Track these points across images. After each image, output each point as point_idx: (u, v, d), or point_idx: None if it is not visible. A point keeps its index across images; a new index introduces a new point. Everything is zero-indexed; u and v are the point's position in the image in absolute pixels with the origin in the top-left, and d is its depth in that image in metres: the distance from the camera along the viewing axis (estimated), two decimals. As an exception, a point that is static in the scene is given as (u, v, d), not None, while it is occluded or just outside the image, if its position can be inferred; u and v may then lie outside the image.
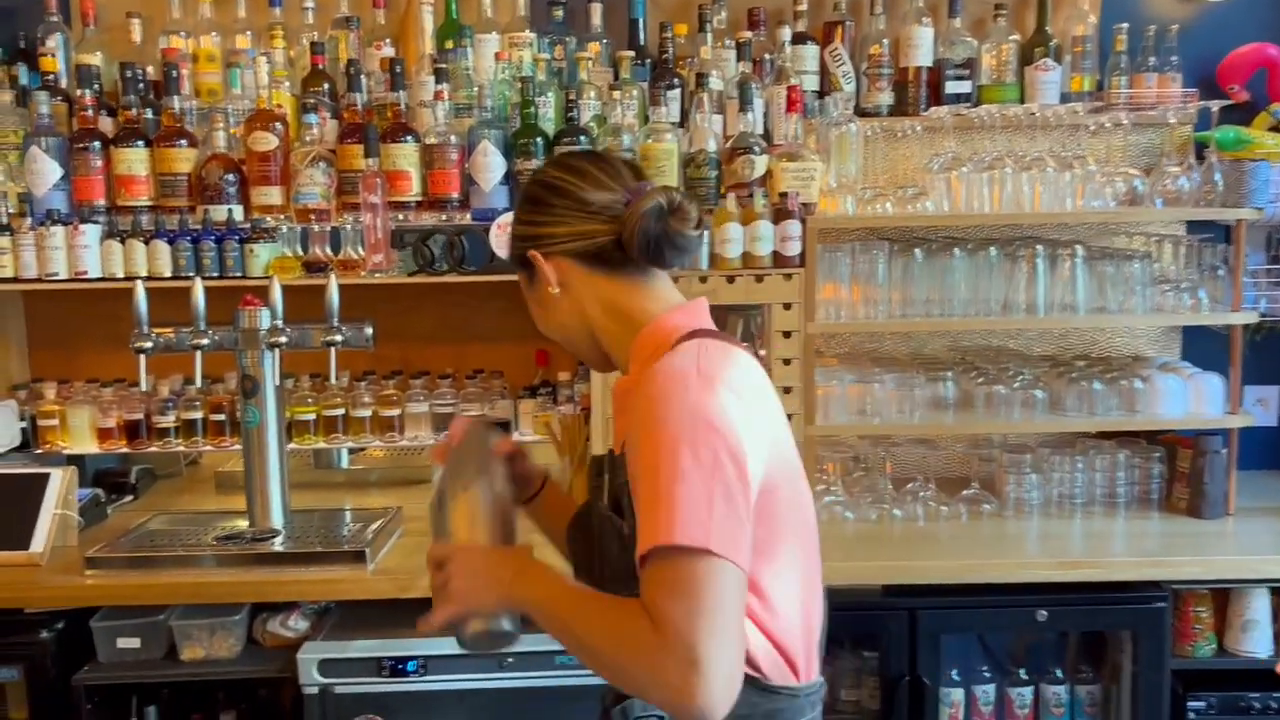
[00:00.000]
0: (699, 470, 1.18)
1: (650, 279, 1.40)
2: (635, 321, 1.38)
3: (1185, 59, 2.73)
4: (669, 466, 1.19)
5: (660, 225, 1.33)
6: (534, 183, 1.42)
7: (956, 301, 2.55)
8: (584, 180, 1.37)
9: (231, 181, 2.55)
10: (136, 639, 2.27)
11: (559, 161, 1.44)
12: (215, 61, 2.70)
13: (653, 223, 1.33)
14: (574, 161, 1.42)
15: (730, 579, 1.17)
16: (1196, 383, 2.60)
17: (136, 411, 2.74)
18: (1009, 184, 2.57)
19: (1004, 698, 2.47)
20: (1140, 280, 2.56)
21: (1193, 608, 2.36)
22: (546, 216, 1.38)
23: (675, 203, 1.35)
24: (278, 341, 2.33)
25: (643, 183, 1.38)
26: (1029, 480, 2.60)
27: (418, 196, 2.54)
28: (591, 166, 1.39)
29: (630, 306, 1.39)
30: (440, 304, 2.90)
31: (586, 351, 1.46)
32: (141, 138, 2.54)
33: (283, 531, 2.39)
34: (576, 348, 1.47)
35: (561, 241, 1.37)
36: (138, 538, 2.42)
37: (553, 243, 1.38)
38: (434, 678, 2.19)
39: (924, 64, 2.76)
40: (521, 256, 1.42)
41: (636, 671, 1.18)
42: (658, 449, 1.21)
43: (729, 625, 1.16)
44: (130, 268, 2.52)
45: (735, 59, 2.67)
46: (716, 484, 1.18)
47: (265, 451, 2.39)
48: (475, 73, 2.63)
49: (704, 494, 1.18)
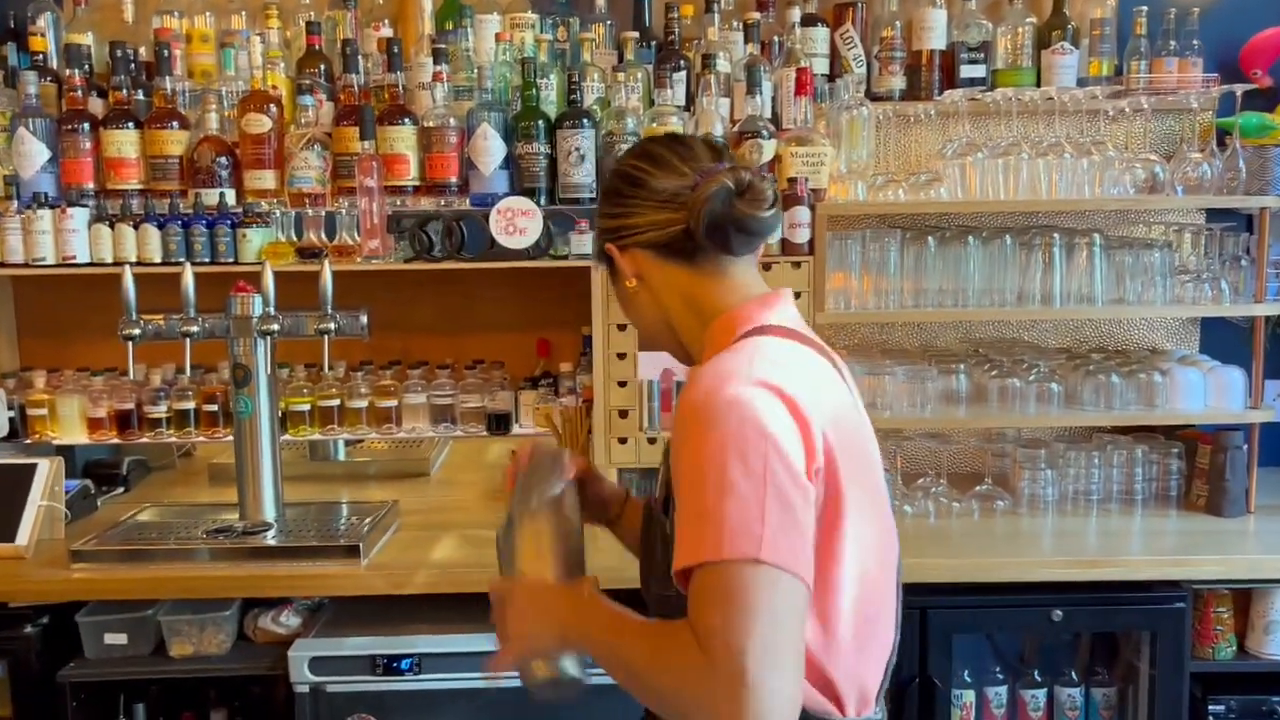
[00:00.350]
0: (749, 480, 1.10)
1: (727, 268, 1.32)
2: (707, 314, 1.32)
3: (1206, 43, 2.65)
4: (716, 478, 1.10)
5: (726, 209, 1.25)
6: (613, 173, 1.36)
7: (970, 292, 2.47)
8: (657, 167, 1.30)
9: (224, 165, 2.48)
10: (124, 634, 2.21)
11: (637, 148, 1.37)
12: (209, 42, 2.63)
13: (718, 206, 1.25)
14: (651, 147, 1.34)
15: (786, 590, 1.08)
16: (1217, 376, 2.52)
17: (128, 401, 2.67)
18: (1025, 171, 2.49)
19: (1017, 699, 2.40)
20: (1160, 270, 2.48)
21: (1213, 608, 2.29)
22: (621, 208, 1.33)
23: (745, 183, 1.26)
24: (270, 329, 2.27)
25: (717, 164, 1.29)
26: (1044, 476, 2.53)
27: (415, 181, 2.47)
28: (667, 152, 1.31)
29: (705, 298, 1.32)
30: (438, 292, 2.83)
31: (669, 346, 1.40)
32: (132, 119, 2.48)
33: (275, 525, 2.33)
34: (659, 342, 1.40)
35: (635, 233, 1.31)
36: (126, 530, 2.36)
37: (627, 235, 1.32)
38: (428, 677, 2.13)
39: (937, 47, 2.69)
40: (601, 250, 1.37)
41: (684, 695, 1.08)
42: (702, 458, 1.12)
43: (785, 641, 1.06)
44: (119, 253, 2.45)
45: (743, 41, 2.60)
46: (770, 492, 1.10)
47: (258, 442, 2.33)
48: (475, 54, 2.56)
49: (756, 504, 1.09)
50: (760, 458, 1.10)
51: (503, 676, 1.32)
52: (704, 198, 1.24)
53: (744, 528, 1.08)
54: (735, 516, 1.08)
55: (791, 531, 1.10)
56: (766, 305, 1.31)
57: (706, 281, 1.31)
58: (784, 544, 1.08)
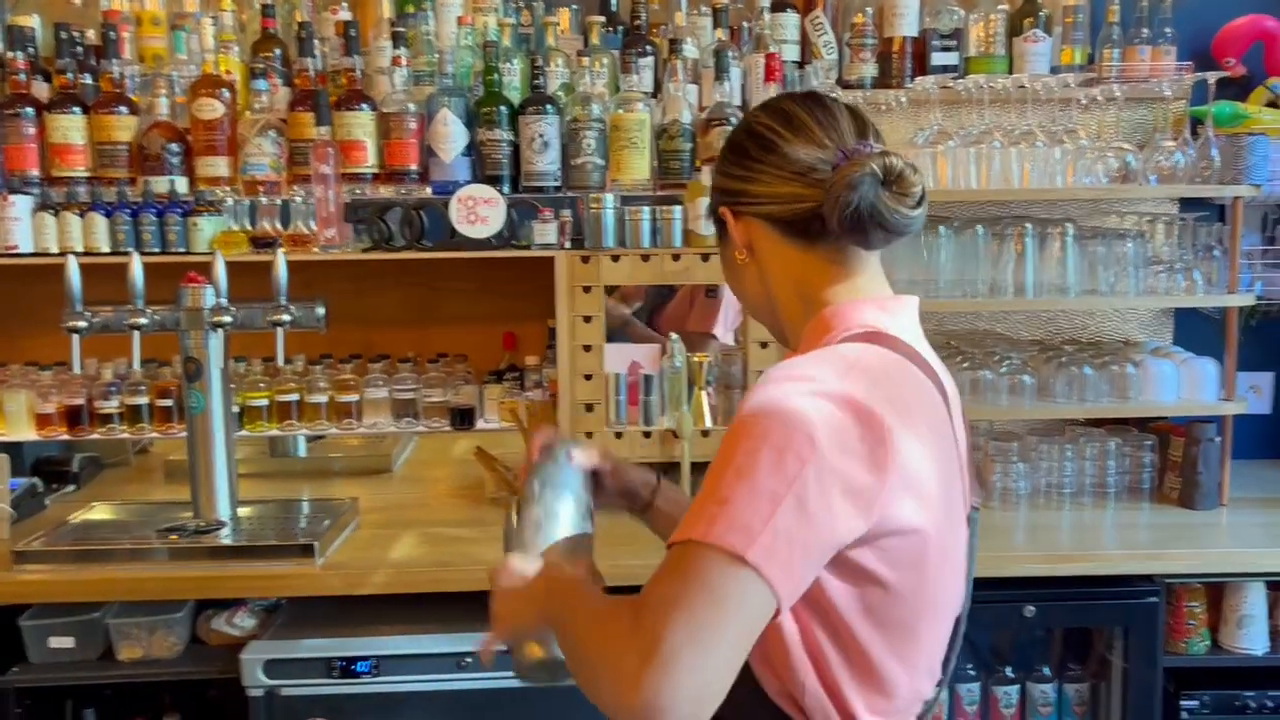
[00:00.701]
0: (774, 478, 0.97)
1: (851, 259, 1.17)
2: (815, 305, 1.17)
3: (1179, 31, 2.61)
4: (740, 464, 0.99)
5: (871, 199, 1.09)
6: (742, 127, 1.22)
7: (941, 283, 2.43)
8: (794, 132, 1.15)
9: (175, 151, 2.40)
10: (70, 638, 2.14)
11: (773, 105, 1.21)
12: (159, 25, 2.55)
13: (864, 194, 1.09)
14: (789, 107, 1.18)
15: (755, 599, 0.96)
16: (1190, 368, 2.49)
17: (78, 397, 2.58)
18: (997, 160, 2.45)
19: (989, 696, 2.37)
20: (1133, 261, 2.45)
21: (1186, 602, 2.26)
22: (745, 171, 1.18)
23: (895, 171, 1.10)
24: (222, 321, 2.19)
25: (863, 143, 1.14)
26: (1016, 469, 2.49)
27: (374, 168, 2.40)
28: (807, 116, 1.16)
29: (816, 287, 1.17)
30: (399, 283, 2.76)
31: (771, 326, 1.28)
32: (78, 104, 2.39)
33: (229, 524, 2.26)
34: (762, 319, 1.29)
35: (756, 202, 1.18)
36: (75, 530, 2.28)
37: (747, 202, 1.18)
38: (387, 679, 2.06)
39: (909, 34, 2.64)
40: (714, 211, 1.25)
41: (595, 660, 1.00)
42: (741, 438, 1.01)
43: (720, 636, 0.94)
44: (65, 242, 2.37)
45: (711, 26, 2.54)
46: (791, 500, 0.97)
47: (211, 439, 2.26)
48: (436, 38, 2.50)
49: (768, 503, 0.97)
50: (798, 462, 0.98)
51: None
52: (846, 182, 1.09)
53: (745, 521, 0.96)
54: (741, 507, 0.97)
55: (794, 547, 0.97)
56: (883, 309, 1.16)
57: (823, 270, 1.17)
58: (780, 555, 0.97)
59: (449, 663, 2.06)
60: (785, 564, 0.97)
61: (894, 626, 1.09)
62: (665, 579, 0.98)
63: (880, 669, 1.10)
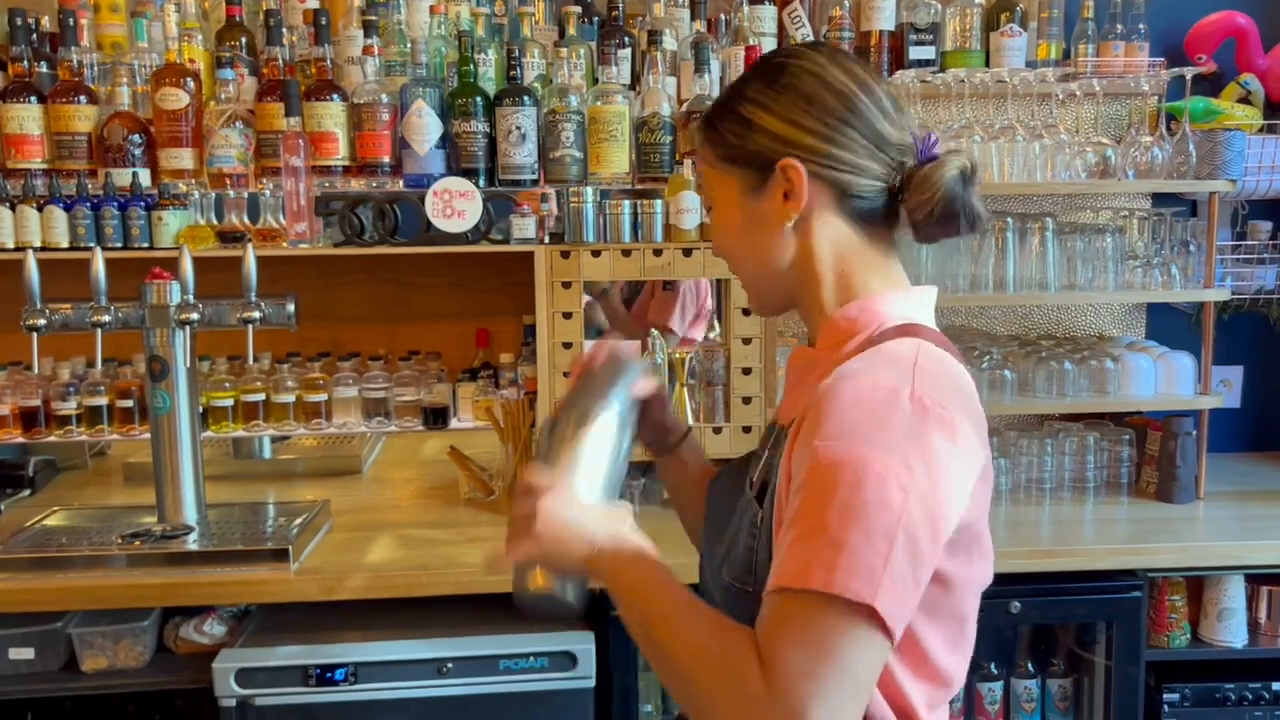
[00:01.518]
0: (886, 513, 0.94)
1: (894, 248, 1.15)
2: (850, 290, 1.12)
3: (1153, 27, 2.62)
4: (850, 497, 0.94)
5: (966, 193, 1.07)
6: (814, 77, 1.09)
7: (923, 278, 2.41)
8: (873, 102, 1.09)
9: (137, 143, 2.32)
10: (30, 649, 2.05)
11: (840, 61, 1.11)
12: (119, 12, 2.45)
13: (960, 189, 1.07)
14: (858, 70, 1.11)
15: (877, 649, 0.94)
16: (1167, 362, 2.51)
17: (33, 397, 2.49)
18: (976, 154, 2.44)
19: (973, 693, 2.36)
20: (1111, 256, 2.46)
21: (1168, 596, 2.26)
22: (828, 129, 1.08)
23: (975, 167, 1.09)
24: (188, 319, 2.11)
25: (928, 133, 1.12)
26: (997, 465, 2.48)
27: (345, 160, 2.33)
28: (877, 87, 1.11)
29: (857, 271, 1.12)
30: (371, 279, 2.69)
31: (770, 297, 1.19)
32: (34, 93, 2.29)
33: (196, 528, 2.18)
34: (759, 288, 1.19)
35: (839, 168, 1.09)
36: (33, 536, 2.19)
37: (829, 165, 1.08)
38: (364, 686, 2.00)
39: (886, 28, 2.62)
40: (764, 156, 1.11)
41: (723, 710, 0.95)
42: (839, 469, 0.95)
43: (852, 705, 0.94)
44: (22, 237, 2.27)
45: (689, 18, 2.51)
46: (901, 534, 0.94)
47: (176, 440, 2.18)
48: (408, 27, 2.44)
49: (884, 541, 0.93)
50: (902, 492, 0.94)
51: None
52: (945, 176, 1.06)
53: (866, 565, 0.92)
54: (860, 548, 0.92)
55: (909, 585, 0.95)
56: (908, 300, 1.13)
57: (870, 254, 1.12)
58: (899, 597, 0.94)
59: (428, 669, 2.00)
60: (902, 606, 0.95)
61: (951, 619, 1.07)
62: (796, 641, 0.93)
63: (938, 662, 1.07)
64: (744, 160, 1.13)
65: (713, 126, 1.16)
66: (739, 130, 1.12)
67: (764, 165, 1.11)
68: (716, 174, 1.16)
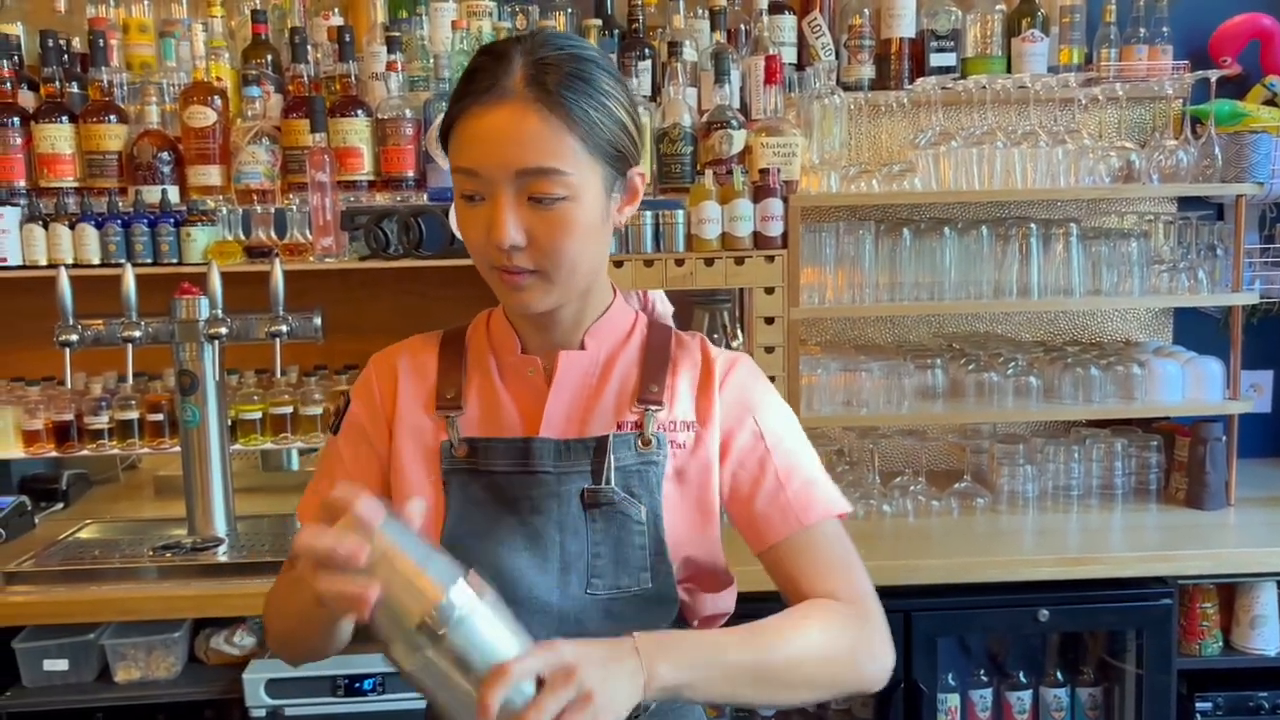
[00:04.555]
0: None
1: None
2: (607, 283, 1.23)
3: (1176, 30, 2.61)
4: (804, 442, 1.22)
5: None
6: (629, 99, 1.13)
7: (946, 285, 2.41)
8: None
9: (166, 160, 2.35)
10: (64, 660, 2.08)
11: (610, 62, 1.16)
12: (147, 32, 2.50)
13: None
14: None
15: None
16: (1195, 367, 2.48)
17: (66, 412, 2.53)
18: (999, 160, 2.44)
19: (1002, 702, 2.34)
20: (1137, 261, 2.44)
21: (1199, 604, 2.24)
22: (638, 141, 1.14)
23: None
24: (218, 333, 2.14)
25: None
26: (1023, 472, 2.47)
27: (370, 175, 2.36)
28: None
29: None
30: (395, 291, 2.71)
31: (575, 305, 1.17)
32: (66, 113, 2.34)
33: (227, 540, 2.20)
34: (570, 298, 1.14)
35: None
36: (66, 549, 2.22)
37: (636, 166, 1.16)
38: (392, 697, 2.02)
39: (906, 35, 2.62)
40: (624, 158, 1.12)
41: (856, 657, 1.12)
42: (788, 426, 1.21)
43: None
44: (54, 254, 2.31)
45: (709, 29, 2.51)
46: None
47: (206, 453, 2.21)
48: (431, 43, 2.46)
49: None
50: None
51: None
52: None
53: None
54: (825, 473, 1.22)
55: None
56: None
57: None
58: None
59: (456, 679, 2.01)
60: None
61: None
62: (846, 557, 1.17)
63: None
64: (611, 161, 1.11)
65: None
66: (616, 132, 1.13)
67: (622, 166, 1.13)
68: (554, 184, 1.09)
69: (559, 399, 1.18)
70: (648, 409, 1.17)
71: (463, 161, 1.07)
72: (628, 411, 1.18)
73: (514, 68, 1.05)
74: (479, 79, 1.06)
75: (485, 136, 1.05)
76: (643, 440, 1.16)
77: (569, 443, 1.17)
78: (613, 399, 1.19)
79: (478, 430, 1.19)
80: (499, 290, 1.14)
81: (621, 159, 1.11)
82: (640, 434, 1.16)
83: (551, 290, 1.11)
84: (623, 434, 1.16)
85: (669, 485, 1.17)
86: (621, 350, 1.21)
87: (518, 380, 1.20)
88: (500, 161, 1.04)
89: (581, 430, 1.18)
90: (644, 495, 1.15)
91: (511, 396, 1.20)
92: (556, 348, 1.19)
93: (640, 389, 1.19)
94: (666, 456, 1.17)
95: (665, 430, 1.17)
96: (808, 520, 1.16)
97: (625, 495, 1.15)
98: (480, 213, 1.08)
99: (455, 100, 1.09)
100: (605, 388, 1.19)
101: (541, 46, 1.07)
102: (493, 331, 1.24)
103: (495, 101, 1.04)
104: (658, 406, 1.17)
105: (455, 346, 1.25)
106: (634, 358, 1.21)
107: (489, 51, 1.09)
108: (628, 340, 1.22)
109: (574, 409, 1.18)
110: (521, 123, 1.04)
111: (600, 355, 1.20)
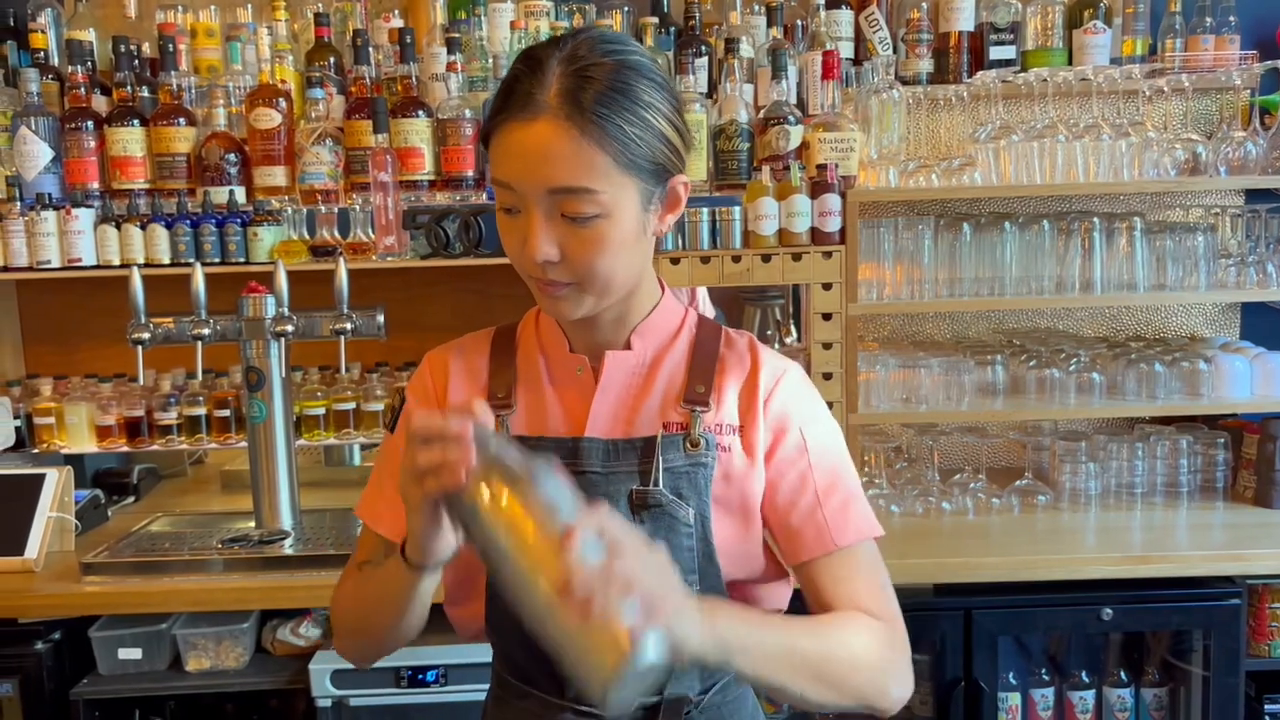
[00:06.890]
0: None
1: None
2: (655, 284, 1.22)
3: (1243, 19, 2.56)
4: (846, 459, 1.22)
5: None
6: (675, 103, 1.11)
7: (1007, 280, 2.38)
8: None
9: (233, 162, 2.40)
10: (138, 649, 2.14)
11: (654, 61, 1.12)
12: (214, 36, 2.56)
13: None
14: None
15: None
16: (1263, 363, 2.43)
17: (137, 408, 2.60)
18: (1061, 154, 2.40)
19: (1064, 701, 2.32)
20: (1203, 255, 2.40)
21: (1269, 604, 2.20)
22: (682, 150, 1.13)
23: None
24: (284, 331, 2.19)
25: None
26: (1085, 469, 2.44)
27: (430, 175, 2.39)
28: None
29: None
30: (454, 289, 2.75)
31: (618, 308, 1.16)
32: (137, 117, 2.40)
33: (292, 533, 2.25)
34: (609, 304, 1.14)
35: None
36: (138, 541, 2.28)
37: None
38: (455, 688, 2.05)
39: (965, 29, 2.59)
40: (664, 169, 1.10)
41: (886, 674, 1.13)
42: (833, 442, 1.21)
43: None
44: (127, 254, 2.37)
45: (765, 25, 2.52)
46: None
47: (273, 448, 2.25)
48: (489, 43, 2.49)
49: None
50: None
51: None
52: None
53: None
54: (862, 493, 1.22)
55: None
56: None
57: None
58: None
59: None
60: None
61: None
62: (877, 577, 1.19)
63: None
64: (650, 173, 1.10)
65: None
66: (656, 145, 1.10)
67: (661, 177, 1.11)
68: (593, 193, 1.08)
69: (605, 399, 1.19)
70: (694, 410, 1.17)
71: (499, 174, 1.07)
72: (673, 412, 1.18)
73: (549, 80, 1.03)
74: (514, 91, 1.05)
75: (518, 152, 1.04)
76: (690, 442, 1.16)
77: (617, 443, 1.17)
78: (659, 399, 1.18)
79: (526, 429, 1.20)
80: (538, 297, 1.15)
81: (660, 171, 1.09)
82: (687, 435, 1.16)
83: (587, 300, 1.11)
84: (671, 435, 1.16)
85: (716, 488, 1.16)
86: (669, 349, 1.21)
87: (566, 379, 1.21)
88: (532, 179, 1.04)
89: (628, 431, 1.18)
90: (692, 497, 1.15)
91: (559, 395, 1.21)
92: (602, 347, 1.19)
93: (686, 389, 1.18)
94: (714, 459, 1.16)
95: (712, 432, 1.17)
96: (843, 542, 1.16)
97: (673, 498, 1.15)
98: (517, 224, 1.08)
99: (492, 114, 1.08)
100: (652, 388, 1.19)
101: (582, 54, 1.05)
102: (541, 329, 1.24)
103: (529, 118, 1.03)
104: (704, 408, 1.17)
105: (506, 344, 1.26)
106: (681, 357, 1.20)
107: (528, 58, 1.07)
108: (675, 339, 1.21)
109: (620, 409, 1.19)
110: (553, 141, 1.02)
111: (647, 355, 1.20)
